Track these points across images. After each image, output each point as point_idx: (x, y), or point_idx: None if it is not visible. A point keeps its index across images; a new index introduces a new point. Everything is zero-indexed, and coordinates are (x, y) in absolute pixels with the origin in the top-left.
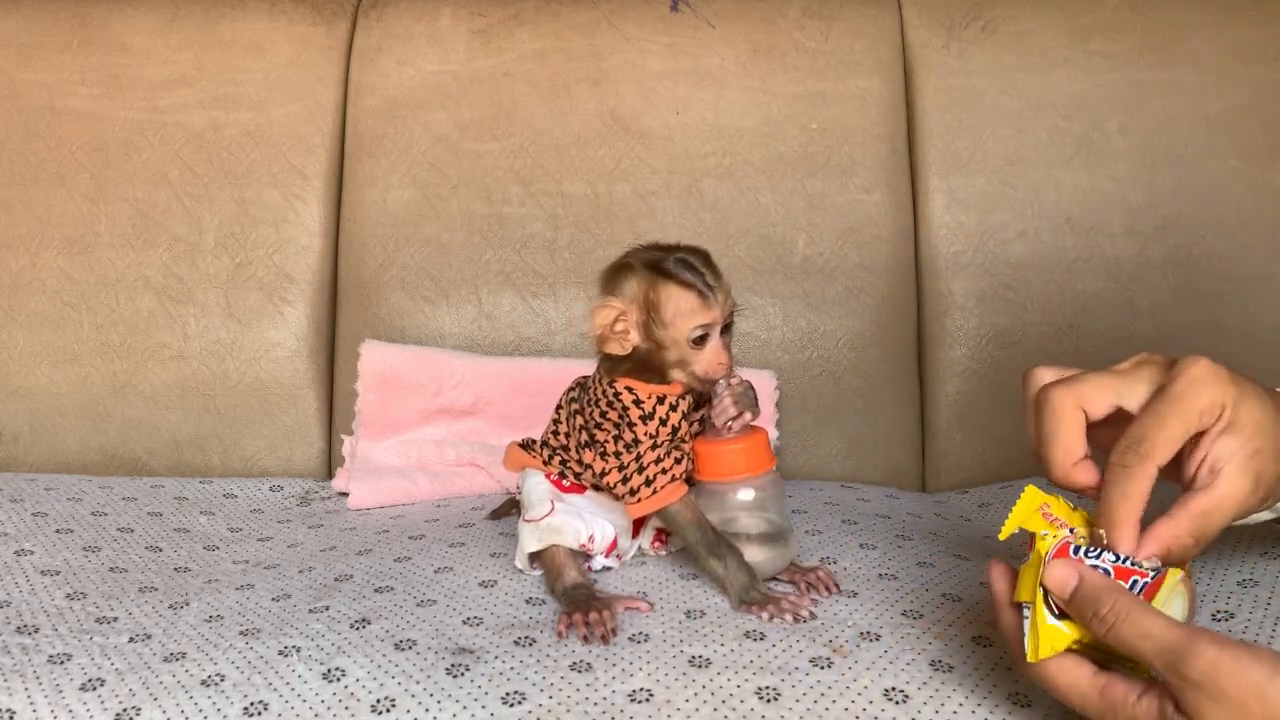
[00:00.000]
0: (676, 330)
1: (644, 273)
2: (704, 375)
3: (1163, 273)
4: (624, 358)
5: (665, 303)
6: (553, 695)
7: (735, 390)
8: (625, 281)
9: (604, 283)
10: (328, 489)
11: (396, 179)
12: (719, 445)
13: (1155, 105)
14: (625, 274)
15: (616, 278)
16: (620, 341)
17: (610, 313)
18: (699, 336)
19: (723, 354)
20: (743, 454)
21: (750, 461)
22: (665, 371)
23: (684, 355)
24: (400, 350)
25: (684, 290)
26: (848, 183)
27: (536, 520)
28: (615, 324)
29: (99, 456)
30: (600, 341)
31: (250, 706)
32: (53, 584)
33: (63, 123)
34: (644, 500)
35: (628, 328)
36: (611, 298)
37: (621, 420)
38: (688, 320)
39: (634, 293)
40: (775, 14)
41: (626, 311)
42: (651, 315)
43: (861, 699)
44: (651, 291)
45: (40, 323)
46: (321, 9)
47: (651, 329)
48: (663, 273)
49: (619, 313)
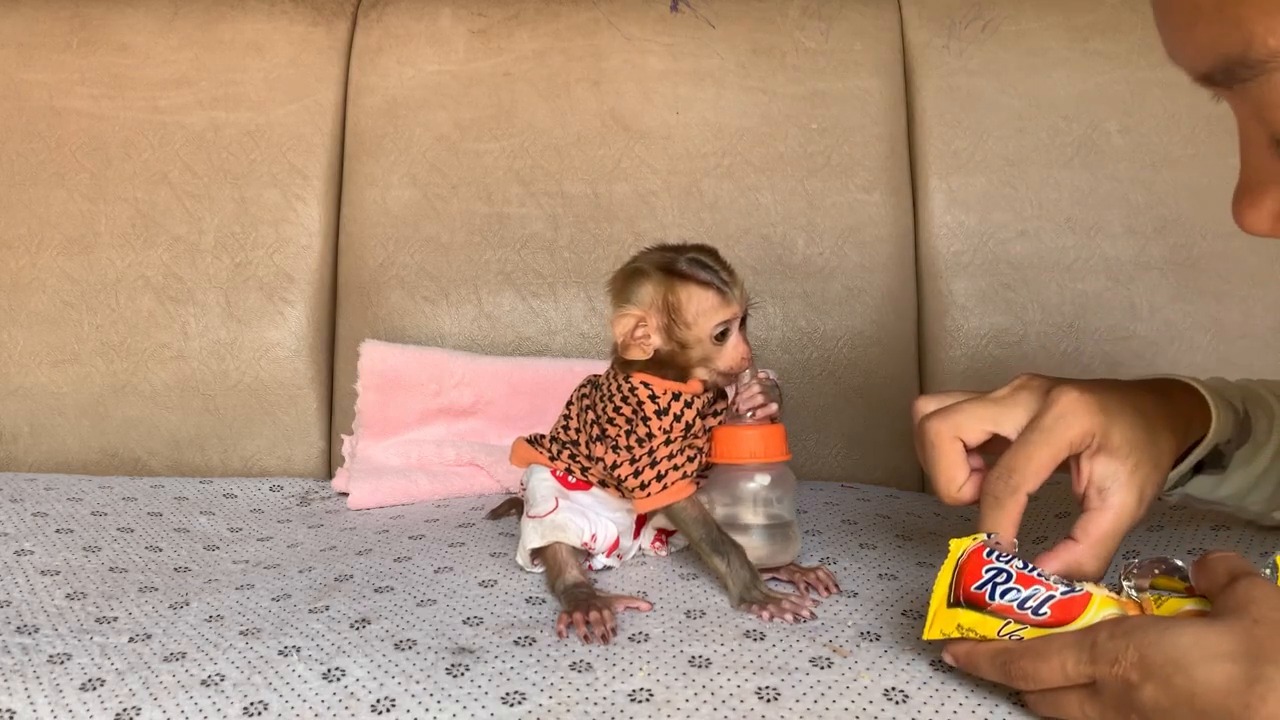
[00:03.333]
0: (700, 329)
1: (659, 276)
2: (728, 369)
3: (1163, 273)
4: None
5: (686, 304)
6: (553, 695)
7: (763, 382)
8: (640, 287)
9: (616, 290)
10: (328, 489)
11: (396, 179)
12: (739, 428)
13: (1155, 105)
14: (639, 279)
15: (630, 284)
16: (642, 347)
17: (630, 321)
18: (721, 333)
19: (744, 347)
20: (761, 439)
21: (768, 448)
22: (688, 370)
23: (707, 353)
24: (400, 350)
25: (703, 290)
26: (848, 182)
27: (540, 516)
28: (636, 331)
29: (99, 456)
30: (623, 349)
31: (250, 706)
32: (53, 584)
33: (63, 123)
34: (653, 495)
35: (648, 333)
36: (628, 305)
37: (635, 414)
38: (710, 318)
39: (651, 297)
40: (775, 14)
41: (646, 317)
42: (673, 318)
43: (861, 699)
44: (670, 294)
45: (40, 323)
46: (321, 9)
47: (674, 330)
48: (679, 274)
49: (638, 319)
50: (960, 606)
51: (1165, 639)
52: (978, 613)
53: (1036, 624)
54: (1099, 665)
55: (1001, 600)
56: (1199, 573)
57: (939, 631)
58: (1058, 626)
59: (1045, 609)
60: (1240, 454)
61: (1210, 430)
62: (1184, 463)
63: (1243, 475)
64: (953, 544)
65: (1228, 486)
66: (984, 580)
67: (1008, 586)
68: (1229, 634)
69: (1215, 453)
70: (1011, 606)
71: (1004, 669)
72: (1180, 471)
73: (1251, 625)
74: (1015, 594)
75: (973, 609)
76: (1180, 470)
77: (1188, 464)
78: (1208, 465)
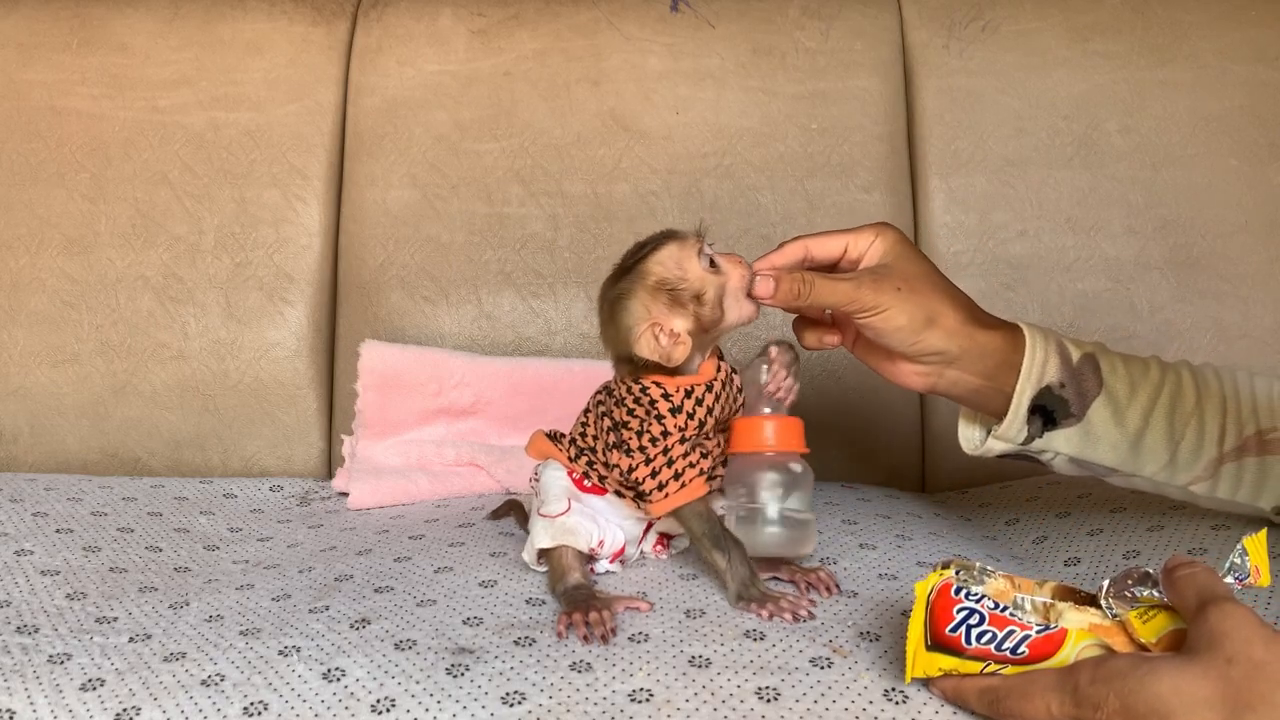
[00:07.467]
0: (692, 272)
1: (627, 283)
2: (746, 288)
3: (1163, 273)
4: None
5: (664, 271)
6: (553, 695)
7: (784, 358)
8: (626, 306)
9: (615, 329)
10: (328, 489)
11: (396, 179)
12: (762, 417)
13: (1155, 105)
14: (621, 302)
15: (618, 312)
16: (678, 342)
17: (647, 331)
18: (709, 261)
19: (732, 257)
20: (783, 429)
21: (789, 439)
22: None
23: (719, 290)
24: (400, 350)
25: (659, 252)
26: (848, 183)
27: (552, 516)
28: (659, 335)
29: (99, 456)
30: (668, 360)
31: (250, 706)
32: (53, 584)
33: (63, 123)
34: (670, 495)
35: (668, 326)
36: (633, 327)
37: (649, 415)
38: (689, 258)
39: (641, 301)
40: (775, 14)
41: (655, 320)
42: (669, 292)
43: (861, 699)
44: (646, 282)
45: (40, 323)
46: (321, 9)
47: (680, 297)
48: (635, 268)
49: (651, 324)
50: (938, 650)
51: (1145, 686)
52: (956, 657)
53: (1017, 663)
54: (1082, 709)
55: (978, 644)
56: (1168, 588)
57: (921, 671)
58: (1037, 663)
59: (1023, 648)
60: (1101, 409)
61: (1023, 362)
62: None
63: (1118, 434)
64: (918, 587)
65: (1104, 447)
66: (957, 622)
67: (982, 629)
68: (1205, 679)
69: (1060, 400)
70: (989, 649)
71: (991, 706)
72: (1019, 411)
73: (1226, 666)
74: (991, 636)
75: (950, 653)
76: (1019, 408)
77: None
78: (1059, 416)
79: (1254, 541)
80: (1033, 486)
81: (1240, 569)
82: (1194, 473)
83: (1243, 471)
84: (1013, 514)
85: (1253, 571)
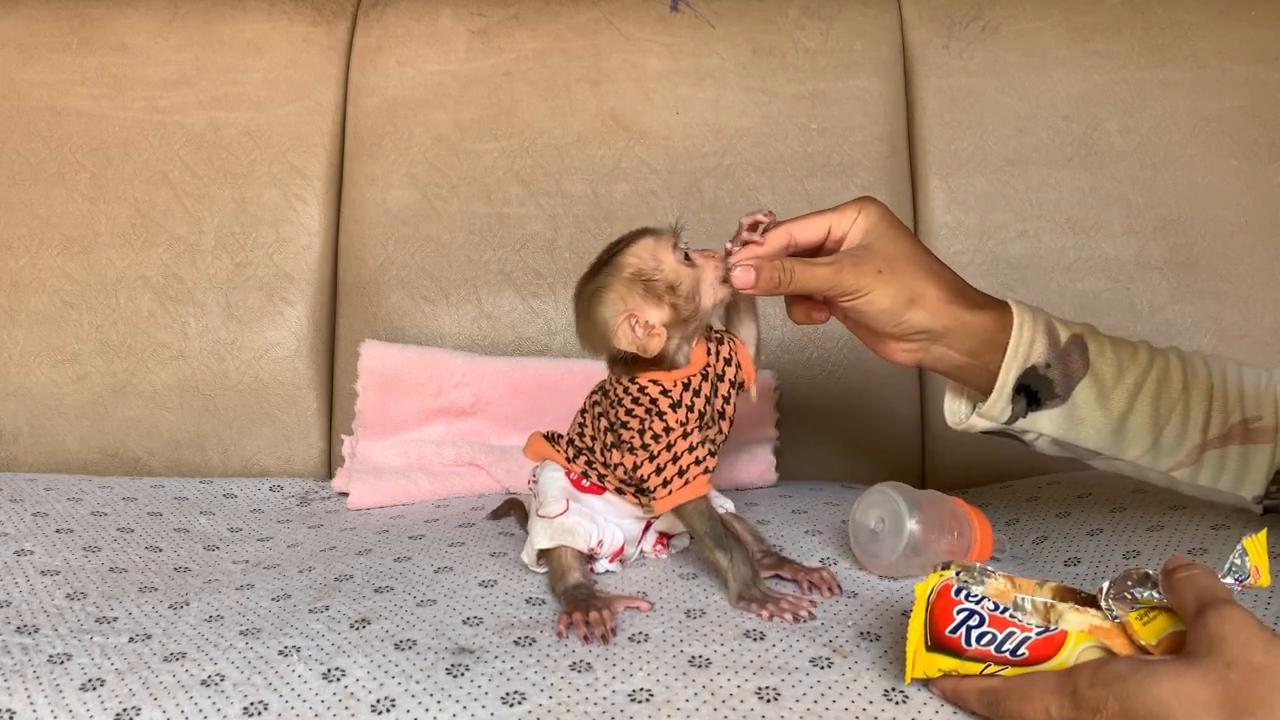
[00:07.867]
0: (666, 262)
1: (604, 276)
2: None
3: (1163, 273)
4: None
5: (639, 264)
6: (553, 695)
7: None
8: (603, 299)
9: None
10: (328, 489)
11: (396, 179)
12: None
13: (1155, 105)
14: (597, 296)
15: (595, 306)
16: (654, 334)
17: (623, 322)
18: (683, 255)
19: (707, 252)
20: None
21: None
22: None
23: (695, 283)
24: (400, 350)
25: (634, 245)
26: (848, 183)
27: (551, 517)
28: (635, 327)
29: (99, 456)
30: (644, 350)
31: (250, 706)
32: (53, 584)
33: (63, 123)
34: (675, 492)
35: (644, 318)
36: (609, 320)
37: (649, 412)
38: (664, 251)
39: (618, 294)
40: (775, 14)
41: (630, 311)
42: (644, 284)
43: (861, 699)
44: (622, 275)
45: (40, 323)
46: (321, 9)
47: (655, 288)
48: (612, 261)
49: (627, 316)
50: (938, 651)
51: (1145, 690)
52: (956, 658)
53: (1016, 664)
54: (1081, 712)
55: (978, 645)
56: (1167, 590)
57: (921, 672)
58: (1037, 664)
59: (1023, 650)
60: (1086, 391)
61: (1010, 342)
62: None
63: (1102, 417)
64: (918, 588)
65: (1088, 429)
66: (957, 623)
67: (982, 631)
68: (1205, 682)
69: (1045, 380)
70: (989, 650)
71: (991, 707)
72: (1004, 390)
73: (1225, 670)
74: (991, 638)
75: (950, 654)
76: (1003, 387)
77: (1005, 379)
78: (1044, 397)
79: (1254, 542)
80: (1033, 486)
81: (1240, 570)
82: (1177, 458)
83: (1226, 459)
84: (1013, 514)
85: (1253, 572)
